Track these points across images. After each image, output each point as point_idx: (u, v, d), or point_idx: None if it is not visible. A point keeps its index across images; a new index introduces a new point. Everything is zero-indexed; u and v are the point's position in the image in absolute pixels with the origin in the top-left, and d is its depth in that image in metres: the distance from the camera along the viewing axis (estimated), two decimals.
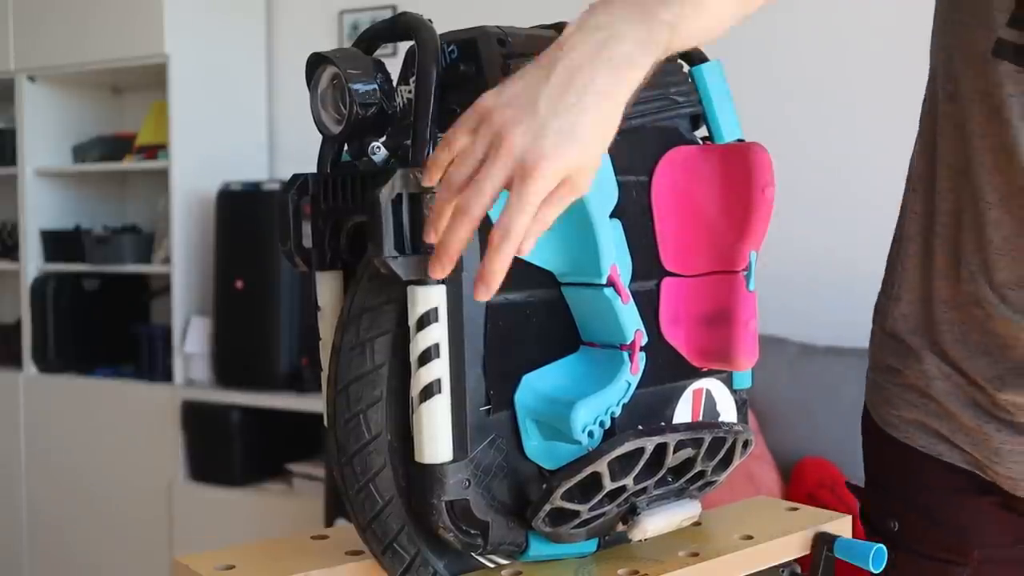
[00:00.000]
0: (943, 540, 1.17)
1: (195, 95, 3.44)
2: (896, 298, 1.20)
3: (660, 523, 0.98)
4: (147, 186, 3.83)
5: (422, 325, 0.85)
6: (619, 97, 0.77)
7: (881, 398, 1.23)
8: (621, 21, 0.77)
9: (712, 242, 0.98)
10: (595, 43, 0.77)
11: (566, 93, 0.75)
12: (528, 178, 0.74)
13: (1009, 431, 1.13)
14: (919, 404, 1.18)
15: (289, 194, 0.96)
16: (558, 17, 1.04)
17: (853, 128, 2.89)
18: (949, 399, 1.16)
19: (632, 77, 0.77)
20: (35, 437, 3.72)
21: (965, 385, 1.14)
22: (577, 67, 0.76)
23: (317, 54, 0.94)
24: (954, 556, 1.17)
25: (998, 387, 1.11)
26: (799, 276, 2.85)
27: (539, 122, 0.74)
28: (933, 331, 1.16)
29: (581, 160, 0.75)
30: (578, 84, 0.75)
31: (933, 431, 1.18)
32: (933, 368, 1.16)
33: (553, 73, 0.76)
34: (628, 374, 0.91)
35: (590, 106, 0.75)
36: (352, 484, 0.90)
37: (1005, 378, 1.11)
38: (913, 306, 1.18)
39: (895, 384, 1.21)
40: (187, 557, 0.95)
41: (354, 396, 0.89)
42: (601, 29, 0.77)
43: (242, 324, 3.33)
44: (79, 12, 3.52)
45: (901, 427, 1.20)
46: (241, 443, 3.34)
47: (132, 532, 3.51)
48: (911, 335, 1.18)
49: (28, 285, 3.68)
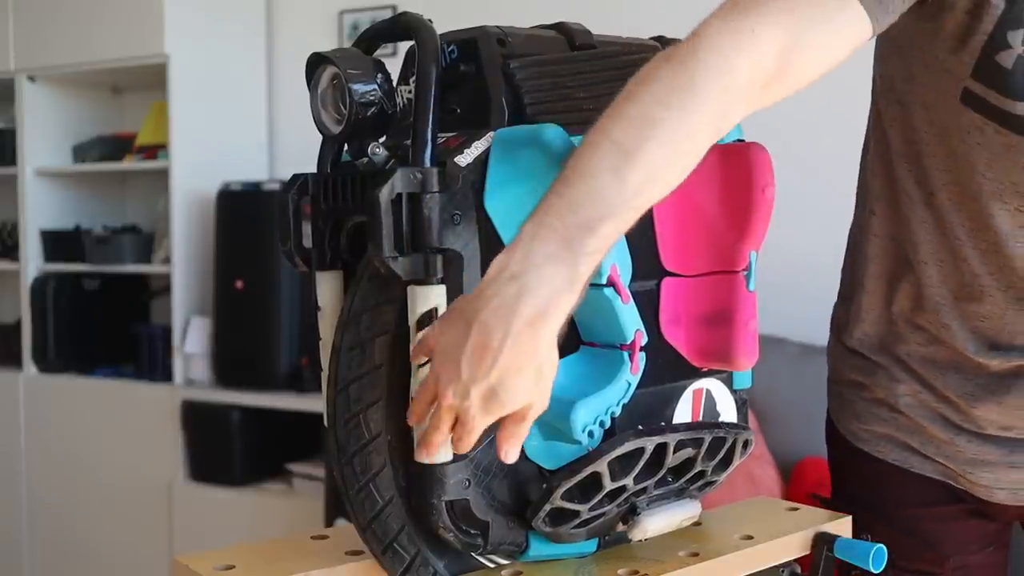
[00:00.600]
0: (919, 552, 1.17)
1: (195, 95, 3.44)
2: (857, 317, 1.19)
3: (660, 523, 0.98)
4: (147, 186, 3.82)
5: (422, 325, 0.85)
6: (537, 349, 0.77)
7: (849, 412, 1.22)
8: (539, 265, 0.77)
9: (712, 242, 0.98)
10: (509, 298, 0.76)
11: (483, 358, 0.77)
12: (465, 427, 0.79)
13: (980, 441, 1.13)
14: (888, 418, 1.18)
15: (289, 194, 0.96)
16: (558, 17, 1.04)
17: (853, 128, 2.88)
18: (918, 413, 1.16)
19: (548, 329, 0.77)
20: (35, 437, 3.72)
21: (933, 401, 1.14)
22: (491, 329, 0.76)
23: (317, 54, 0.94)
24: (929, 567, 1.17)
25: (971, 403, 1.11)
26: (799, 276, 2.84)
27: (463, 386, 0.78)
28: (898, 349, 1.16)
29: (513, 409, 0.78)
30: (493, 347, 0.76)
31: (904, 444, 1.18)
32: (901, 385, 1.16)
33: (470, 332, 0.77)
34: (628, 374, 0.91)
35: (507, 369, 0.77)
36: (352, 484, 0.90)
37: (977, 394, 1.11)
38: (877, 325, 1.17)
39: (862, 399, 1.20)
40: (187, 557, 0.95)
41: (354, 396, 0.89)
42: (516, 279, 0.77)
43: (242, 324, 3.33)
44: (79, 12, 3.52)
45: (871, 441, 1.20)
46: (241, 443, 3.33)
47: (132, 532, 3.51)
48: (876, 353, 1.18)
49: (28, 285, 3.68)
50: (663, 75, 0.80)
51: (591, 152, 0.78)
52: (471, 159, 0.88)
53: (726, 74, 0.79)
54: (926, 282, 1.10)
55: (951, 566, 1.17)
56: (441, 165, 0.87)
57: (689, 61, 0.80)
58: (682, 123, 0.79)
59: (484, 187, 0.88)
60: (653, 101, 0.79)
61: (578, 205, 0.77)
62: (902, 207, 1.11)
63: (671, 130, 0.78)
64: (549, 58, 0.95)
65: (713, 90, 0.79)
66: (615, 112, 0.79)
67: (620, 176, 0.77)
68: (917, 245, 1.10)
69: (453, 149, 0.88)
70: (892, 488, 1.19)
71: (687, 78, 0.79)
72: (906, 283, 1.13)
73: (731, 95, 0.80)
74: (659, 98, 0.79)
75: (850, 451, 1.22)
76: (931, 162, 1.06)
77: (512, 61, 0.93)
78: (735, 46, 0.80)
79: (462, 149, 0.88)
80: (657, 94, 0.79)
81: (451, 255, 0.86)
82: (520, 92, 0.92)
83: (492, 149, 0.89)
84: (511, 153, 0.89)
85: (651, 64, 0.81)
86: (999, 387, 1.10)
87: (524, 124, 0.91)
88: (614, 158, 0.77)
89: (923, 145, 1.07)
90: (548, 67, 0.94)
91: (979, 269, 1.07)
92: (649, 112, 0.78)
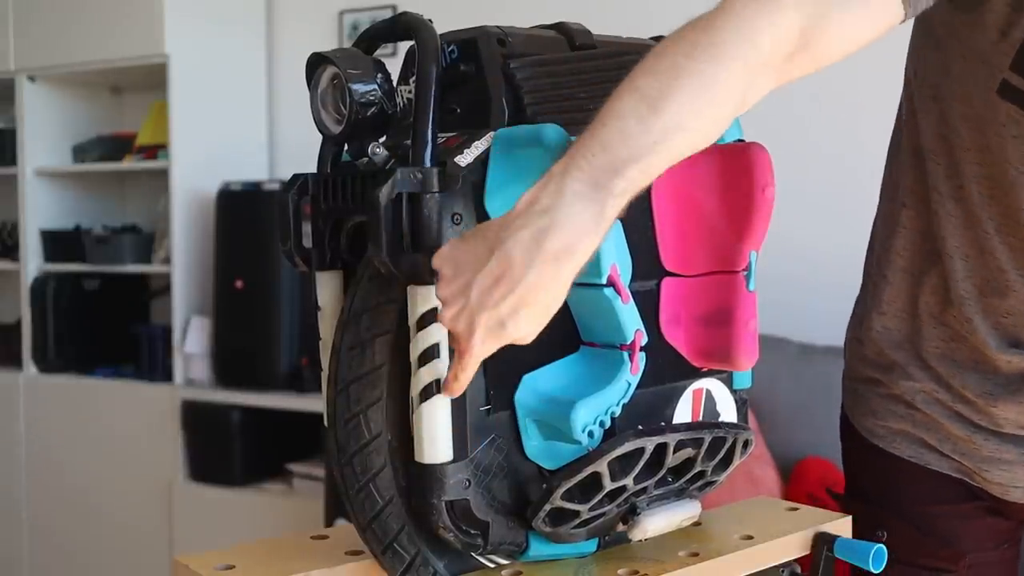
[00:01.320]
0: (934, 549, 1.17)
1: (195, 95, 3.44)
2: (879, 311, 1.19)
3: (660, 523, 0.98)
4: (147, 186, 3.82)
5: (422, 325, 0.85)
6: (556, 286, 0.78)
7: (864, 408, 1.22)
8: (569, 202, 0.77)
9: (712, 242, 0.98)
10: (535, 232, 0.77)
11: (498, 286, 0.77)
12: (462, 355, 0.80)
13: (997, 440, 1.13)
14: (904, 415, 1.18)
15: (289, 194, 0.96)
16: (558, 17, 1.04)
17: (854, 128, 2.89)
18: (935, 410, 1.15)
19: (572, 266, 0.78)
20: (35, 437, 3.72)
21: (951, 400, 1.14)
22: (512, 258, 0.76)
23: (317, 54, 0.94)
24: (944, 564, 1.17)
25: (990, 402, 1.11)
26: (799, 276, 2.84)
27: (469, 312, 0.78)
28: (919, 346, 1.16)
29: (516, 341, 0.79)
30: (511, 277, 0.76)
31: (920, 440, 1.18)
32: (919, 383, 1.16)
33: (491, 258, 0.77)
34: (628, 374, 0.91)
35: (522, 301, 0.77)
36: (352, 484, 0.90)
37: (996, 392, 1.11)
38: (899, 320, 1.17)
39: (878, 395, 1.20)
40: (187, 557, 0.96)
41: (354, 396, 0.89)
42: (545, 213, 0.77)
43: (242, 324, 3.32)
44: (79, 12, 3.52)
45: (887, 437, 1.20)
46: (241, 443, 3.33)
47: (132, 532, 3.51)
48: (895, 349, 1.18)
49: (28, 285, 3.68)
50: (689, 35, 0.82)
51: (619, 99, 0.80)
52: (471, 159, 0.88)
53: (748, 39, 0.81)
54: (952, 276, 1.10)
55: (966, 563, 1.17)
56: (441, 165, 0.87)
57: (715, 22, 0.81)
58: (706, 76, 0.80)
59: (484, 187, 0.88)
60: (679, 54, 0.80)
61: (606, 146, 0.78)
62: (931, 201, 1.11)
63: (695, 82, 0.80)
64: (549, 58, 0.95)
65: (738, 51, 0.80)
66: (643, 66, 0.81)
67: (644, 122, 0.78)
68: (945, 239, 1.10)
69: (453, 149, 0.88)
70: (907, 484, 1.19)
71: (712, 38, 0.81)
72: (932, 277, 1.13)
73: (755, 60, 0.81)
74: (685, 52, 0.80)
75: (865, 447, 1.22)
76: (963, 155, 1.07)
77: (512, 61, 0.93)
78: (758, 12, 0.81)
79: (462, 149, 0.88)
80: (683, 50, 0.81)
81: None
82: (520, 92, 0.92)
83: (492, 149, 0.89)
84: (511, 153, 0.89)
85: (679, 28, 0.83)
86: (1019, 386, 1.10)
87: (524, 124, 0.91)
88: (639, 105, 0.79)
89: (955, 138, 1.07)
90: (548, 67, 0.94)
91: (1006, 264, 1.07)
92: (674, 64, 0.80)
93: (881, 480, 1.21)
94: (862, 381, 1.22)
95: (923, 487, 1.18)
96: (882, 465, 1.20)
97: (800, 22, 0.81)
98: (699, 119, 0.81)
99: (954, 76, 1.05)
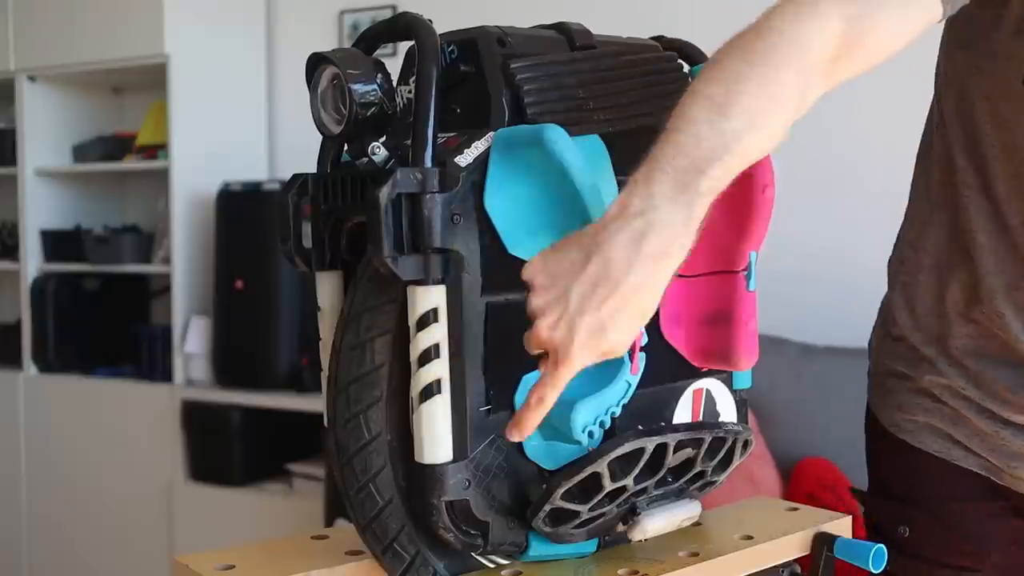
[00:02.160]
0: (958, 547, 1.16)
1: (195, 95, 3.44)
2: (908, 308, 1.19)
3: (660, 523, 0.98)
4: (147, 186, 3.82)
5: (422, 325, 0.85)
6: (655, 287, 0.79)
7: (890, 401, 1.22)
8: (660, 205, 0.78)
9: (712, 242, 0.98)
10: (633, 234, 0.78)
11: (598, 287, 0.77)
12: (560, 365, 0.79)
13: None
14: (932, 408, 1.17)
15: (289, 194, 0.96)
16: (558, 17, 1.04)
17: (854, 128, 2.89)
18: (962, 405, 1.15)
19: (668, 266, 0.79)
20: (35, 437, 3.72)
21: (979, 396, 1.14)
22: (611, 260, 0.78)
23: (317, 54, 0.94)
24: (968, 563, 1.16)
25: (1020, 395, 1.11)
26: (799, 276, 2.84)
27: (569, 318, 0.78)
28: (947, 342, 1.15)
29: (612, 348, 0.80)
30: (612, 279, 0.77)
31: (946, 435, 1.17)
32: (946, 379, 1.15)
33: (589, 263, 0.78)
34: (628, 374, 0.91)
35: (623, 302, 0.78)
36: (352, 484, 0.90)
37: None
38: (928, 317, 1.17)
39: (905, 389, 1.20)
40: (187, 557, 0.96)
41: (354, 396, 0.89)
42: (640, 215, 0.78)
43: (242, 324, 3.33)
44: (79, 12, 3.52)
45: (913, 431, 1.19)
46: (241, 443, 3.33)
47: (132, 532, 3.51)
48: (923, 345, 1.18)
49: (28, 285, 3.68)
50: (744, 43, 0.85)
51: (687, 107, 0.82)
52: (471, 159, 0.88)
53: (799, 44, 0.84)
54: (981, 272, 1.11)
55: (992, 563, 1.16)
56: (441, 165, 0.87)
57: (766, 30, 0.85)
58: (766, 79, 0.83)
59: (484, 187, 0.88)
60: (739, 60, 0.83)
61: (683, 150, 0.80)
62: (960, 197, 1.12)
63: (756, 85, 0.82)
64: (549, 58, 0.95)
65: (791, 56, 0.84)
66: (704, 75, 0.84)
67: (716, 125, 0.80)
68: (974, 235, 1.11)
69: (453, 149, 0.88)
70: (933, 481, 1.18)
71: (766, 44, 0.84)
72: (961, 274, 1.13)
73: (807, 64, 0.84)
74: (744, 59, 0.83)
75: (891, 442, 1.21)
76: (990, 152, 1.08)
77: (512, 61, 0.93)
78: (805, 18, 0.84)
79: (462, 149, 0.88)
80: (742, 56, 0.84)
81: (451, 255, 0.86)
82: (520, 92, 0.92)
83: (492, 149, 0.89)
84: (511, 153, 0.89)
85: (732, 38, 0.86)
86: None
87: (524, 124, 0.91)
88: (708, 111, 0.81)
89: (983, 136, 1.08)
90: (548, 67, 0.94)
91: None
92: (736, 70, 0.83)
93: (906, 475, 1.21)
94: (889, 375, 1.22)
95: (948, 483, 1.18)
96: (907, 460, 1.20)
97: (843, 26, 0.85)
98: (766, 120, 0.83)
99: (980, 73, 1.07)
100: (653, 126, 0.83)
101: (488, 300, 0.89)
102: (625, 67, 0.99)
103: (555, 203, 0.88)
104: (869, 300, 1.31)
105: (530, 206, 0.89)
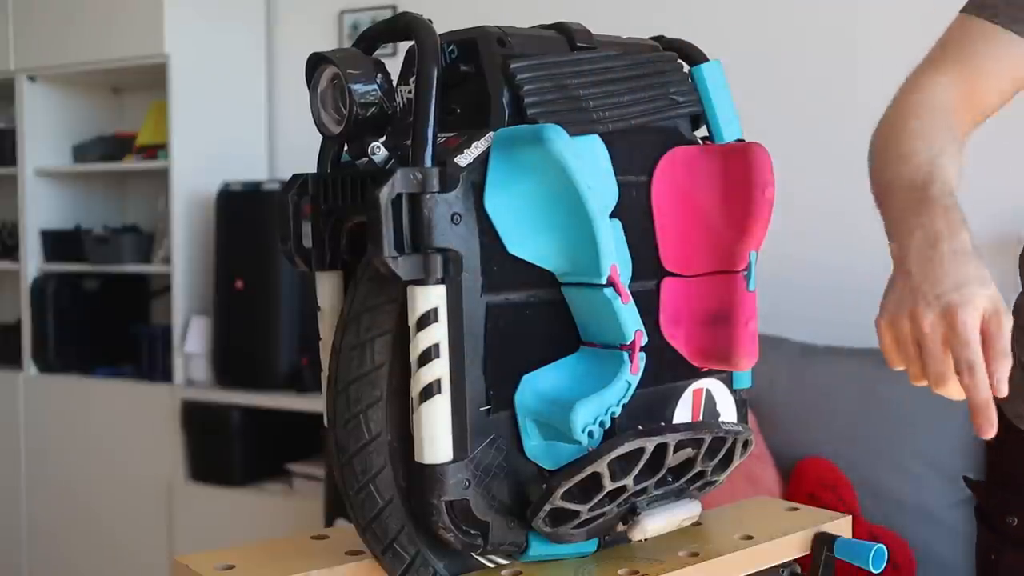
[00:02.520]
0: None
1: (195, 95, 3.44)
2: None
3: (660, 523, 0.98)
4: (147, 186, 3.83)
5: (422, 325, 0.85)
6: (967, 246, 0.93)
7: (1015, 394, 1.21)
8: (911, 229, 0.97)
9: (712, 242, 0.98)
10: (921, 240, 0.95)
11: (927, 270, 0.92)
12: (953, 321, 0.89)
13: None
14: None
15: (289, 194, 0.96)
16: (558, 17, 1.04)
17: (854, 128, 2.88)
18: None
19: (969, 253, 0.93)
20: (35, 437, 3.72)
21: None
22: (919, 254, 0.94)
23: (317, 54, 0.94)
24: None
25: None
26: (799, 276, 2.85)
27: (933, 296, 0.91)
28: None
29: (984, 293, 0.90)
30: (936, 259, 0.92)
31: None
32: None
33: (909, 273, 0.94)
34: (628, 374, 0.91)
35: (950, 266, 0.91)
36: (352, 484, 0.90)
37: None
38: None
39: None
40: (187, 557, 0.95)
41: (354, 396, 0.89)
42: (911, 233, 0.96)
43: (242, 324, 3.33)
44: (79, 12, 3.52)
45: None
46: (241, 443, 3.34)
47: (132, 532, 3.51)
48: None
49: (28, 285, 3.68)
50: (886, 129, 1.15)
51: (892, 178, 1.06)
52: (471, 159, 0.88)
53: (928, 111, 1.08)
54: None
55: None
56: (441, 165, 0.87)
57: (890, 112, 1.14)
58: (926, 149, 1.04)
59: (484, 187, 0.88)
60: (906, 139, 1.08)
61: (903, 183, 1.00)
62: None
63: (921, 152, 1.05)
64: (549, 58, 0.95)
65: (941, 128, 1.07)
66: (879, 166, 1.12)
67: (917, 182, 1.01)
68: None
69: (453, 149, 0.88)
70: None
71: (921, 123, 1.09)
72: None
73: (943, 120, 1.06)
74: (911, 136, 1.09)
75: (1009, 432, 1.21)
76: None
77: (512, 61, 0.93)
78: None
79: (462, 149, 0.88)
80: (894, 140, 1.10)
81: (451, 255, 0.86)
82: (520, 92, 0.92)
83: (492, 149, 0.89)
84: (511, 153, 0.88)
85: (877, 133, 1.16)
86: None
87: (524, 124, 0.91)
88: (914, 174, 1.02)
89: None
90: (548, 67, 0.94)
91: None
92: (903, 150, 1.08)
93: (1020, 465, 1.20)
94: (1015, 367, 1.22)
95: None
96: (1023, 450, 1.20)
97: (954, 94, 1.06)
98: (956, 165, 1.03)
99: None
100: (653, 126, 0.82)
101: (488, 300, 0.89)
102: (625, 67, 0.99)
103: (555, 203, 0.88)
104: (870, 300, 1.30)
105: (530, 206, 0.89)
